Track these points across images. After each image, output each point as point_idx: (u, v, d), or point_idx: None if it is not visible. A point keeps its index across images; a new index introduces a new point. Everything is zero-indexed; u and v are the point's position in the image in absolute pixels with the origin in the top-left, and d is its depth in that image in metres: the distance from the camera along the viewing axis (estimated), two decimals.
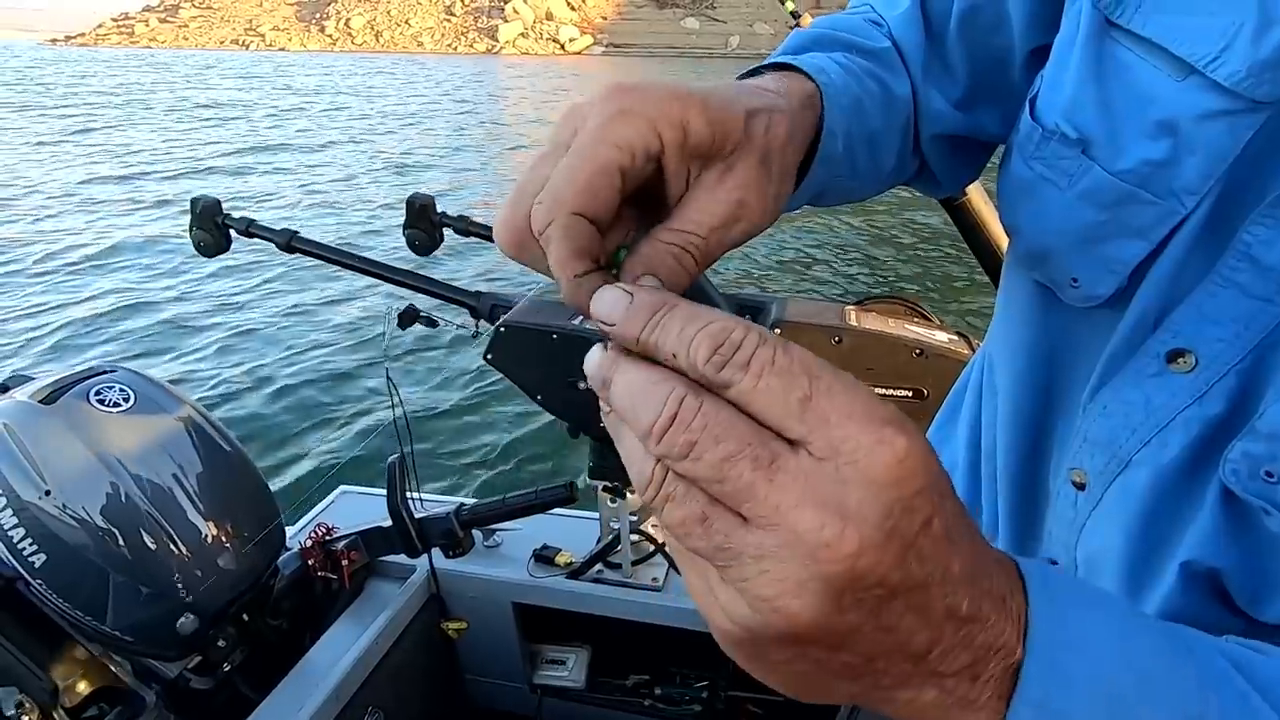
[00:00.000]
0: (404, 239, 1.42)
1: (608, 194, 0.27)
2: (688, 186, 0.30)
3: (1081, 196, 0.40)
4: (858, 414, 0.22)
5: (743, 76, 0.43)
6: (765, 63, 0.43)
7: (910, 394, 1.09)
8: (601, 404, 0.26)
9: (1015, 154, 0.43)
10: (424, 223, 1.39)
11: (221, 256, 1.48)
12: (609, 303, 0.26)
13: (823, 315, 1.17)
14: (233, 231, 1.43)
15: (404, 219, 1.40)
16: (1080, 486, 0.43)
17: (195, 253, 1.46)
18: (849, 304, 1.22)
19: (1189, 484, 0.38)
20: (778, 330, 1.14)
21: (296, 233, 1.41)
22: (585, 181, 0.27)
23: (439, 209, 1.40)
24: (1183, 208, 0.37)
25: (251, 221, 1.43)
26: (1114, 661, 0.25)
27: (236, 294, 5.05)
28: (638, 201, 0.30)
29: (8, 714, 0.86)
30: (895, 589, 0.22)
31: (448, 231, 1.42)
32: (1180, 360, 0.38)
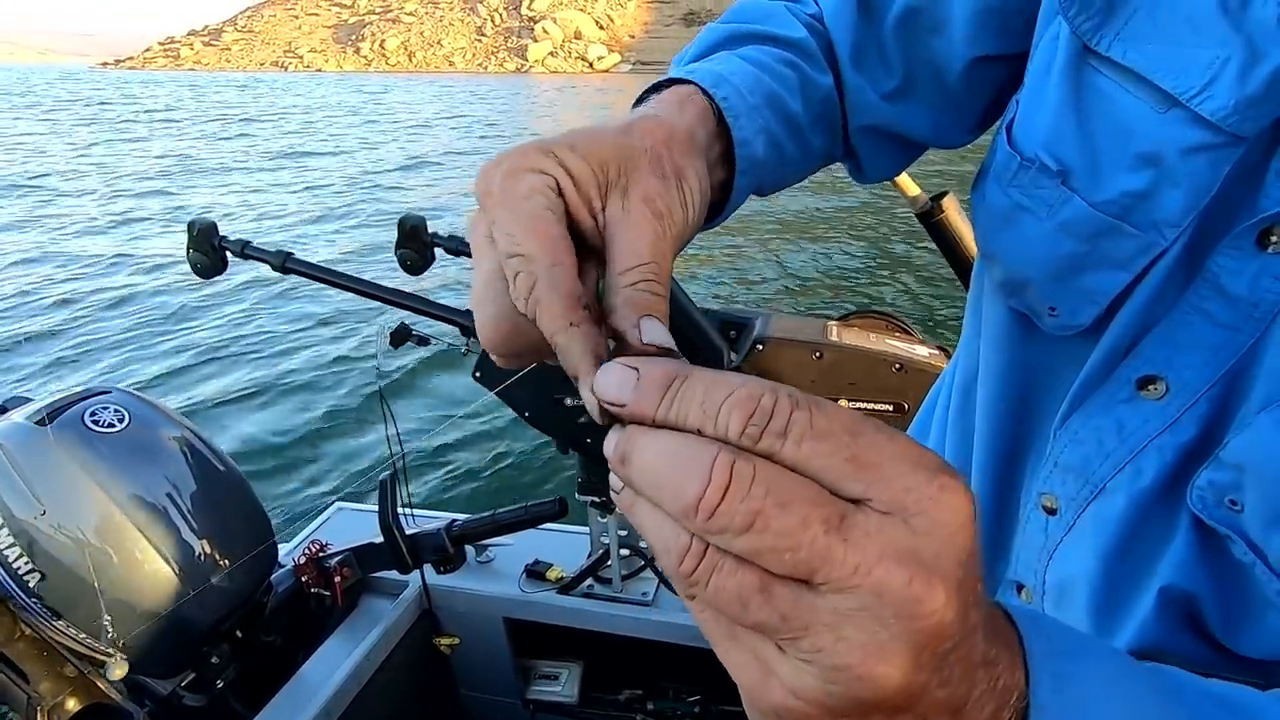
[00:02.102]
0: (396, 259, 1.44)
1: (561, 233, 0.27)
2: (600, 226, 0.29)
3: (1061, 227, 0.39)
4: (911, 464, 0.21)
5: (643, 94, 0.42)
6: (664, 78, 0.42)
7: (891, 408, 1.10)
8: (614, 482, 0.24)
9: (991, 180, 0.43)
10: (415, 243, 1.41)
11: (218, 278, 1.50)
12: (616, 382, 0.24)
13: (806, 330, 1.18)
14: (229, 253, 1.46)
15: (395, 239, 1.43)
16: (1051, 511, 0.43)
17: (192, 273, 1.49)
18: (832, 319, 1.24)
19: (1163, 510, 0.39)
20: (760, 347, 1.16)
21: (291, 254, 1.43)
22: (536, 234, 0.27)
23: (430, 230, 1.42)
24: (1164, 240, 0.36)
25: (247, 243, 1.45)
26: (1112, 703, 0.25)
27: (233, 314, 5.10)
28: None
29: None
30: (957, 640, 0.22)
31: (439, 251, 1.44)
32: (1151, 387, 0.38)
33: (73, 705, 0.90)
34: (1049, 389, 0.45)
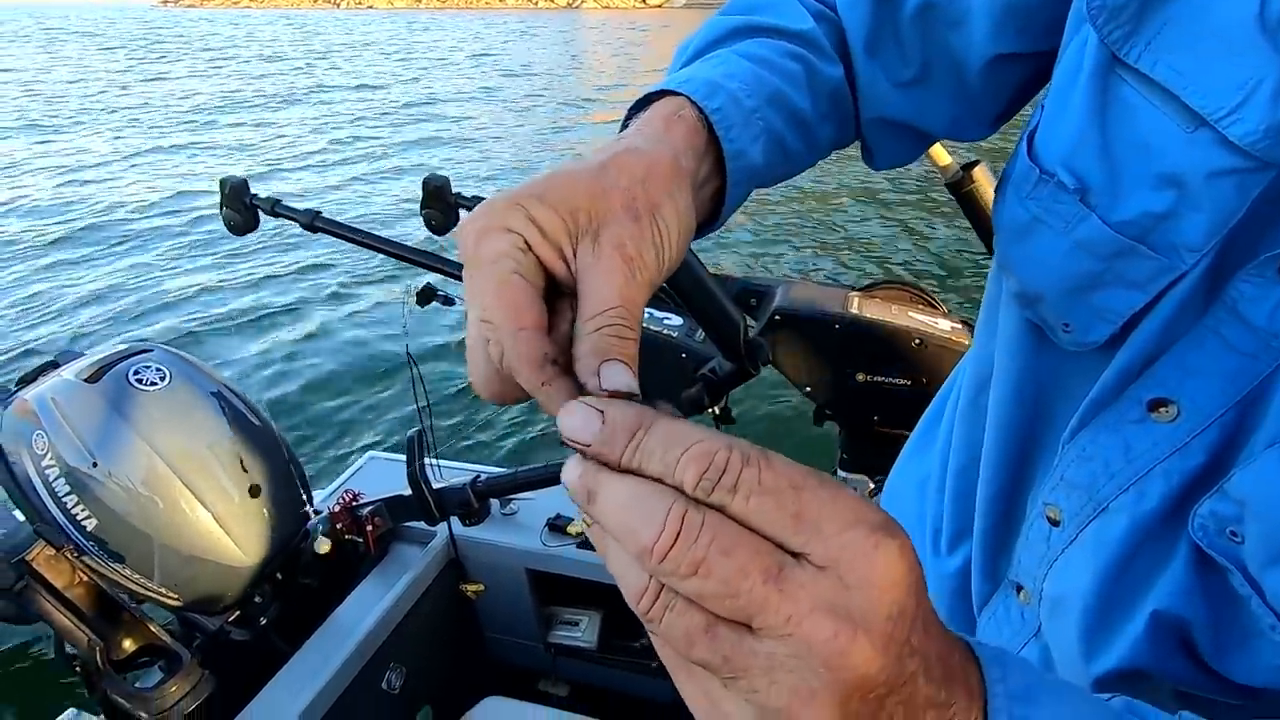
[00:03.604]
0: (421, 218, 1.45)
1: (526, 297, 0.28)
2: (573, 272, 0.30)
3: (1077, 245, 0.38)
4: (848, 521, 0.23)
5: (634, 105, 0.41)
6: (655, 89, 0.41)
7: (909, 383, 1.10)
8: (582, 514, 0.26)
9: (1010, 190, 0.42)
10: (439, 203, 1.42)
11: (251, 235, 1.53)
12: (580, 423, 0.25)
13: (826, 301, 1.17)
14: (260, 211, 1.49)
15: (420, 199, 1.43)
16: (1054, 523, 0.43)
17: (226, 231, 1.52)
18: (854, 289, 1.22)
19: (1164, 533, 0.38)
20: (778, 317, 1.15)
21: (319, 213, 1.45)
22: (501, 302, 0.28)
23: (454, 189, 1.42)
24: (1183, 264, 0.35)
25: (277, 201, 1.47)
26: None
27: (266, 271, 5.20)
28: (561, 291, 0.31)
29: (62, 665, 0.97)
30: (892, 687, 0.23)
31: (463, 212, 1.45)
32: (1162, 410, 0.37)
33: (128, 645, 0.98)
34: (1060, 400, 0.45)
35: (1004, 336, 0.49)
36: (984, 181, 1.05)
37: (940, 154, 1.05)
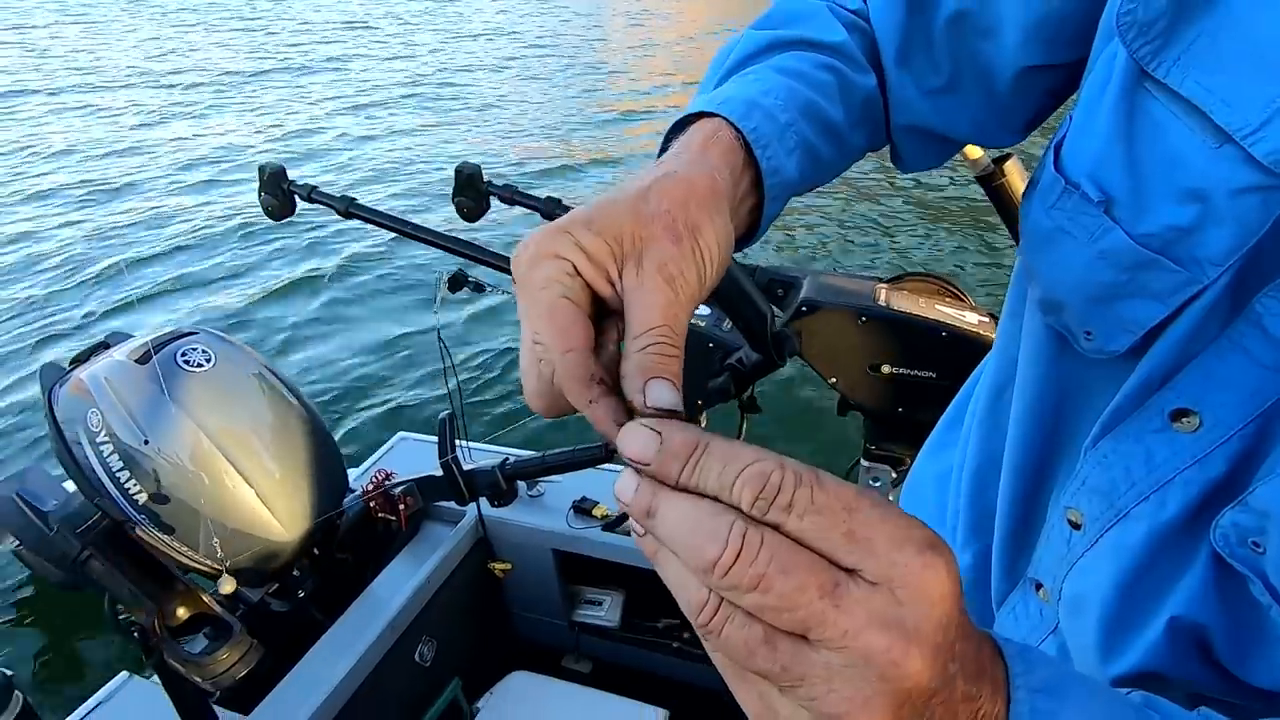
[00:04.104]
0: (452, 206, 1.48)
1: (573, 321, 0.30)
2: (619, 294, 0.31)
3: (1100, 255, 0.39)
4: (899, 540, 0.24)
5: (673, 127, 0.43)
6: (693, 110, 0.42)
7: (934, 375, 1.10)
8: (635, 527, 0.27)
9: (1036, 199, 0.42)
10: (471, 191, 1.44)
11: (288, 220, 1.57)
12: (641, 444, 0.27)
13: (853, 292, 1.18)
14: (297, 197, 1.52)
15: (452, 187, 1.46)
16: (1075, 526, 0.44)
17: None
18: (882, 281, 1.23)
19: (1183, 541, 0.39)
20: (805, 308, 1.16)
21: (354, 199, 1.48)
22: (551, 325, 0.30)
23: (485, 178, 1.45)
24: (1205, 277, 0.36)
25: (314, 188, 1.51)
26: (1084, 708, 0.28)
27: (301, 256, 5.28)
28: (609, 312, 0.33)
29: (124, 629, 1.02)
30: (937, 692, 0.25)
31: (494, 199, 1.47)
32: (1185, 420, 0.38)
33: (182, 614, 1.03)
34: (1083, 407, 0.46)
35: (1027, 342, 0.50)
36: (1015, 175, 1.04)
37: (971, 148, 1.05)
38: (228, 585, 1.00)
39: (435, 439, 1.47)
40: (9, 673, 1.52)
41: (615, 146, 7.53)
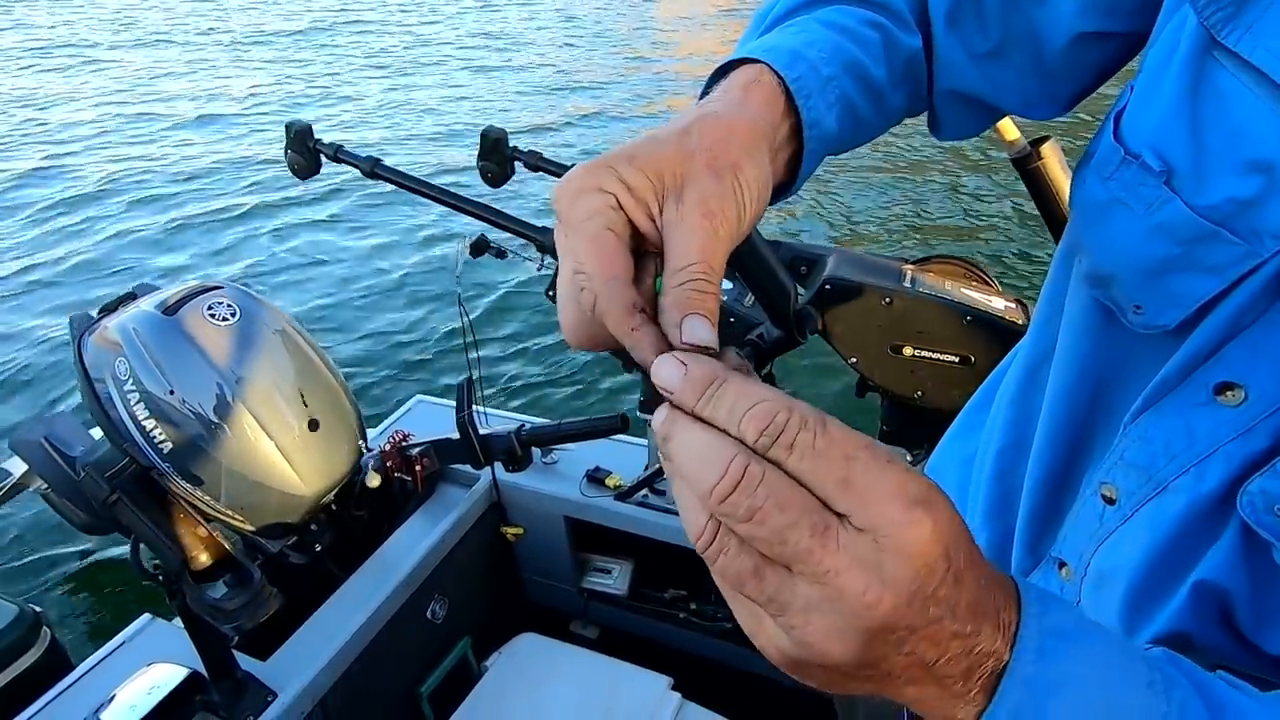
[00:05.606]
0: (477, 170, 1.48)
1: (617, 250, 0.31)
2: (659, 229, 0.32)
3: (1156, 228, 0.38)
4: (890, 493, 0.26)
5: (715, 73, 0.43)
6: (735, 57, 0.42)
7: (957, 359, 1.09)
8: (659, 453, 0.30)
9: (1092, 170, 0.42)
10: (496, 156, 1.44)
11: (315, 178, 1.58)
12: (667, 373, 0.28)
13: (878, 272, 1.16)
14: (322, 156, 1.53)
15: (477, 151, 1.45)
16: (1110, 501, 0.44)
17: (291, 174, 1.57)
18: (908, 262, 1.21)
19: (1217, 512, 0.39)
20: (828, 287, 1.15)
21: (379, 160, 1.49)
22: (594, 254, 0.31)
23: (511, 143, 1.44)
24: (1264, 250, 0.35)
25: (339, 147, 1.51)
26: (1090, 685, 0.28)
27: (326, 215, 5.30)
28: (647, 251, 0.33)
29: (148, 573, 1.06)
30: (915, 628, 0.26)
31: (518, 164, 1.47)
32: (1229, 393, 0.37)
33: (205, 560, 1.06)
34: (1124, 382, 0.45)
35: (1070, 317, 0.49)
36: (1053, 159, 1.02)
37: (1008, 128, 1.02)
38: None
39: (452, 403, 1.49)
40: (38, 610, 1.58)
41: (651, 118, 7.43)
